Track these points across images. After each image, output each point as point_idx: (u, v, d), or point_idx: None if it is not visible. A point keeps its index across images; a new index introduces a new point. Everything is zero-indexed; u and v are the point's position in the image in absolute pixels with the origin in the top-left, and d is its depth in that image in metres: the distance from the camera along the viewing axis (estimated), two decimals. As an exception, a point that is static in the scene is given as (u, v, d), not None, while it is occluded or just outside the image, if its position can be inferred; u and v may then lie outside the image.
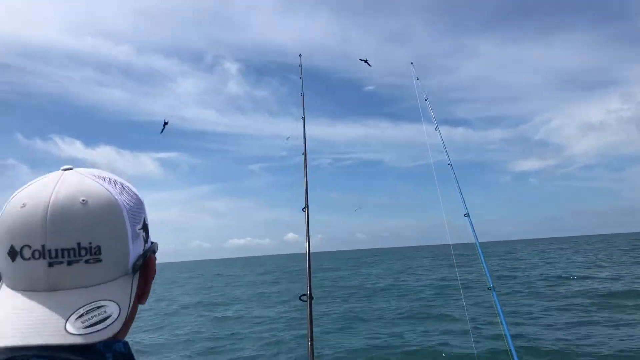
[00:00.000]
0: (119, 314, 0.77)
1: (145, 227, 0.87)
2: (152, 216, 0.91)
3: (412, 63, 5.54)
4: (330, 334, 13.87)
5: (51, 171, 0.83)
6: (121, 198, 0.82)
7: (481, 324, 13.06)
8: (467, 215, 4.76)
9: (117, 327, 0.76)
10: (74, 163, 0.85)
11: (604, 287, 20.53)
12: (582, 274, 27.55)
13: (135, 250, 0.83)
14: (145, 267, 0.87)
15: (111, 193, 0.80)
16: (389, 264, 60.37)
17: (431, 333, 13.23)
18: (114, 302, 0.77)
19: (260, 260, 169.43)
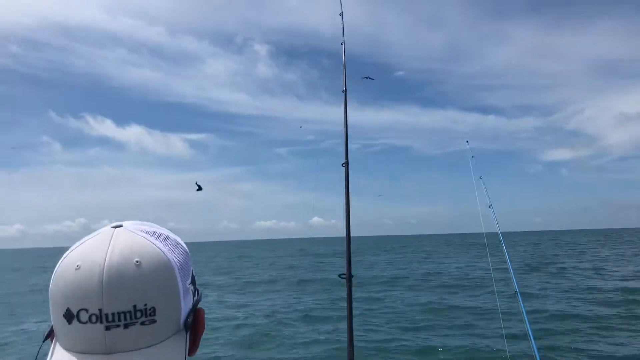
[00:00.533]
0: None
1: (193, 281, 0.88)
2: (182, 196, 0.87)
3: (467, 141, 5.37)
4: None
5: (82, 150, 0.83)
6: (172, 255, 0.82)
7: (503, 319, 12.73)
8: (490, 206, 5.19)
9: None
10: (105, 142, 0.85)
11: (625, 284, 20.18)
12: (608, 268, 26.99)
13: (186, 306, 0.83)
14: (195, 321, 0.87)
15: (163, 252, 0.81)
16: (414, 251, 60.01)
17: (456, 328, 13.12)
18: None
19: (286, 243, 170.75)
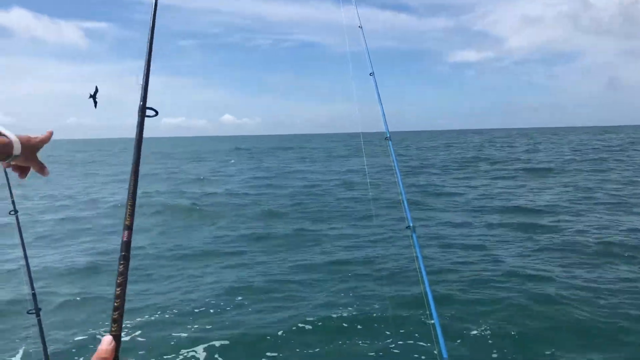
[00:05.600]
0: None
1: None
2: (82, 90, 0.85)
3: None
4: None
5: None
6: None
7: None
8: (372, 74, 4.34)
9: None
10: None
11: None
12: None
13: None
14: None
15: None
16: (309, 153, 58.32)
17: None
18: None
19: (190, 141, 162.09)
